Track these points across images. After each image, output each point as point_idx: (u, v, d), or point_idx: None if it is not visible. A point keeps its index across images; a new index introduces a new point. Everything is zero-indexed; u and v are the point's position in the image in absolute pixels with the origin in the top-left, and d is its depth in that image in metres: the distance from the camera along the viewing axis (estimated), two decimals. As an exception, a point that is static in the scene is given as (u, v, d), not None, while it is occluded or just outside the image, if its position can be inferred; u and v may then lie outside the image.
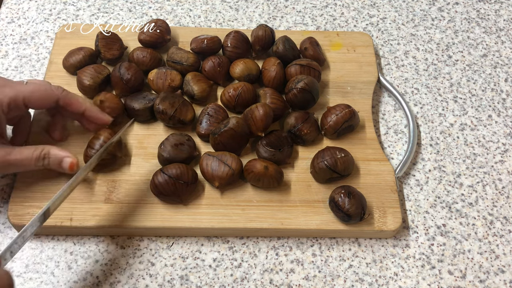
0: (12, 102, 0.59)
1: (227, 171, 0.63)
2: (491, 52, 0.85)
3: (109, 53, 0.75)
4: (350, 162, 0.66)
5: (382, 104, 0.78)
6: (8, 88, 0.60)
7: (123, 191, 0.65)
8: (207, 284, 0.61)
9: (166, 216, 0.63)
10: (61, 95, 0.63)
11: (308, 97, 0.70)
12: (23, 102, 0.60)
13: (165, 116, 0.68)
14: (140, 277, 0.61)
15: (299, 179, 0.67)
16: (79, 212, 0.63)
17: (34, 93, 0.61)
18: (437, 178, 0.70)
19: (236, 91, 0.70)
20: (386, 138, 0.74)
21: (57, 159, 0.60)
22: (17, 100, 0.60)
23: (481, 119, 0.77)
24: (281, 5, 0.89)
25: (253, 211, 0.64)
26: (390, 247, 0.65)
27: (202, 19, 0.86)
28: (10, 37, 0.81)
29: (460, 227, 0.66)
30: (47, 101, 0.62)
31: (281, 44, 0.75)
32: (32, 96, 0.61)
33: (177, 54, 0.74)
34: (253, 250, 0.64)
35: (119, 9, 0.87)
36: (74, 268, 0.61)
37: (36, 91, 0.61)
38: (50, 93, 0.62)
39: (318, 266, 0.63)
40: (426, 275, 0.63)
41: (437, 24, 0.88)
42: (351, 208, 0.61)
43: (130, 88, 0.71)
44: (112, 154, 0.65)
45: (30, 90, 0.61)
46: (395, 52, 0.84)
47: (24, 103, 0.61)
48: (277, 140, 0.67)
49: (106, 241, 0.63)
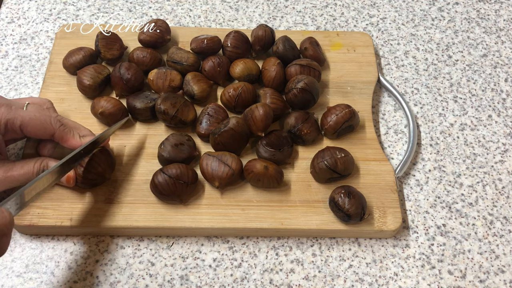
0: (9, 124, 0.59)
1: (227, 171, 0.63)
2: (491, 52, 0.85)
3: (109, 53, 0.75)
4: (350, 162, 0.66)
5: (382, 104, 0.78)
6: (6, 109, 0.59)
7: (123, 191, 0.65)
8: (207, 284, 0.61)
9: (166, 216, 0.63)
10: (57, 130, 0.61)
11: (308, 97, 0.70)
12: (19, 128, 0.59)
13: (167, 117, 0.68)
14: (140, 277, 0.61)
15: (299, 179, 0.67)
16: (79, 212, 0.63)
17: (32, 121, 0.60)
18: (437, 178, 0.70)
19: (236, 91, 0.70)
20: (386, 138, 0.74)
21: None
22: (14, 124, 0.59)
23: (481, 119, 0.77)
24: (281, 5, 0.89)
25: (253, 211, 0.64)
26: (390, 247, 0.65)
27: (202, 19, 0.86)
28: (10, 37, 0.81)
29: (460, 227, 0.66)
30: (42, 133, 0.61)
31: (281, 44, 0.75)
32: (29, 124, 0.60)
33: (177, 54, 0.74)
34: (253, 250, 0.64)
35: (119, 9, 0.87)
36: (74, 268, 0.61)
37: (34, 120, 0.60)
38: (47, 127, 0.61)
39: (318, 266, 0.63)
40: (426, 275, 0.63)
41: (437, 24, 0.88)
42: (351, 208, 0.61)
43: (130, 88, 0.71)
44: (101, 174, 0.63)
45: (29, 117, 0.59)
46: (395, 52, 0.84)
47: (20, 129, 0.60)
48: (277, 140, 0.67)
49: (106, 241, 0.63)
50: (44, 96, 0.72)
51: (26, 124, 0.59)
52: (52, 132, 0.61)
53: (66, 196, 0.64)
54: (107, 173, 0.64)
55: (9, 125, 0.59)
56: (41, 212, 0.62)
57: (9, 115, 0.59)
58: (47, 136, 0.62)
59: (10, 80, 0.76)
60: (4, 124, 0.58)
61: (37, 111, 0.61)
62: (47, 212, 0.62)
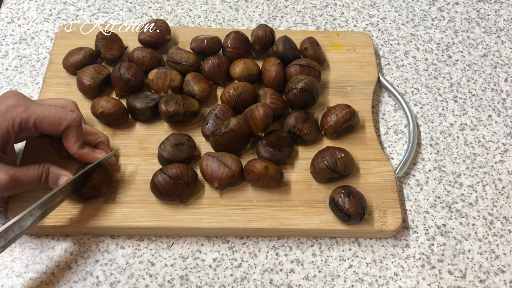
0: (23, 123, 0.58)
1: (226, 172, 0.63)
2: (491, 52, 0.85)
3: (109, 53, 0.75)
4: (350, 162, 0.66)
5: (382, 104, 0.78)
6: (23, 108, 0.58)
7: (123, 191, 0.65)
8: (207, 284, 0.61)
9: (166, 216, 0.63)
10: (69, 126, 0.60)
11: (308, 97, 0.70)
12: (33, 125, 0.59)
13: (179, 116, 0.68)
14: (140, 277, 0.61)
15: (299, 179, 0.67)
16: (79, 212, 0.63)
17: (46, 118, 0.59)
18: (437, 178, 0.70)
19: (236, 91, 0.70)
20: (386, 138, 0.74)
21: (55, 176, 0.60)
22: (28, 122, 0.58)
23: (481, 119, 0.77)
24: (281, 5, 0.89)
25: (253, 211, 0.64)
26: (390, 247, 0.65)
27: (202, 19, 0.86)
28: (10, 37, 0.81)
29: (460, 227, 0.66)
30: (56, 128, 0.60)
31: (281, 44, 0.75)
32: (43, 121, 0.59)
33: (177, 54, 0.74)
34: (253, 250, 0.64)
35: (119, 9, 0.87)
36: (74, 268, 0.61)
37: (49, 117, 0.59)
38: (61, 123, 0.59)
39: (318, 266, 0.63)
40: (426, 275, 0.63)
41: (437, 24, 0.88)
42: (351, 208, 0.61)
43: (130, 88, 0.71)
44: (96, 188, 0.62)
45: (43, 114, 0.59)
46: (395, 52, 0.84)
47: (34, 125, 0.59)
48: (277, 140, 0.67)
49: (106, 241, 0.63)
50: (44, 96, 0.72)
51: (40, 121, 0.59)
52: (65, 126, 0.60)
53: (66, 196, 0.64)
54: (103, 187, 0.63)
55: (23, 124, 0.58)
56: (41, 212, 0.62)
57: (24, 113, 0.58)
58: (60, 132, 0.60)
59: (10, 80, 0.76)
60: (19, 123, 0.58)
61: (54, 108, 0.60)
62: (47, 212, 0.62)
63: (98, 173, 0.62)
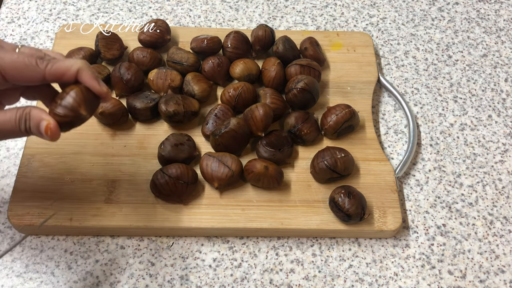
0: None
1: (226, 172, 0.63)
2: (491, 52, 0.85)
3: (109, 53, 0.75)
4: (350, 162, 0.66)
5: (382, 104, 0.78)
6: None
7: (123, 191, 0.65)
8: (207, 284, 0.61)
9: (166, 216, 0.63)
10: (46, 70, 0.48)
11: (308, 97, 0.70)
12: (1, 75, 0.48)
13: (179, 116, 0.68)
14: (140, 277, 0.61)
15: (299, 179, 0.67)
16: (79, 212, 0.63)
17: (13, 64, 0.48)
18: (437, 178, 0.70)
19: (236, 91, 0.70)
20: (386, 138, 0.74)
21: (36, 121, 0.48)
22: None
23: (481, 119, 0.77)
24: (281, 5, 0.89)
25: (253, 211, 0.64)
26: (390, 247, 0.65)
27: (202, 19, 0.86)
28: (10, 37, 0.81)
29: (460, 227, 0.66)
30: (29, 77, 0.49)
31: (281, 44, 0.75)
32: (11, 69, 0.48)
33: (177, 54, 0.74)
34: (253, 250, 0.64)
35: (119, 9, 0.87)
36: (74, 268, 0.61)
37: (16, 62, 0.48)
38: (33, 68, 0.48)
39: (318, 266, 0.63)
40: (426, 275, 0.63)
41: (437, 24, 0.88)
42: (351, 208, 0.61)
43: (130, 88, 0.71)
44: (76, 111, 0.49)
45: (10, 60, 0.48)
46: (395, 52, 0.84)
47: (2, 76, 0.48)
48: (277, 140, 0.67)
49: (106, 241, 0.63)
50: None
51: (7, 69, 0.48)
52: (41, 74, 0.49)
53: (66, 196, 0.64)
54: (82, 109, 0.49)
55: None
56: (41, 212, 0.62)
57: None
58: (37, 81, 0.49)
59: (10, 80, 0.76)
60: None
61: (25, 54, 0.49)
62: (47, 212, 0.62)
63: (78, 93, 0.49)
